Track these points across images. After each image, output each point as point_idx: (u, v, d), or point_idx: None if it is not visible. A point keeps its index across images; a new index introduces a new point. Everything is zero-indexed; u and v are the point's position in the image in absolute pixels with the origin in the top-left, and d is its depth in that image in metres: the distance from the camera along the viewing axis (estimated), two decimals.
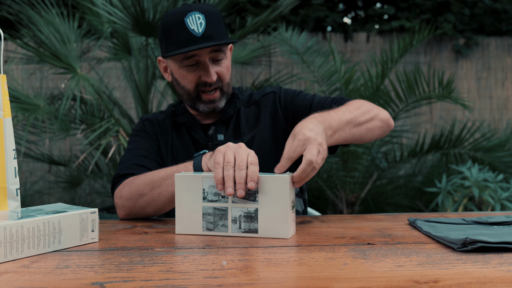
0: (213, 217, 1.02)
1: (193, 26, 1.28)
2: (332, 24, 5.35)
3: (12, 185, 1.00)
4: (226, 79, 1.37)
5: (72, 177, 3.98)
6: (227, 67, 1.37)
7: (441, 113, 5.15)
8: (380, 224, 1.14)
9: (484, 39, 5.27)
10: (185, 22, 1.28)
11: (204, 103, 1.37)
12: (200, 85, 1.35)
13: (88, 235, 0.97)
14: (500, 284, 0.71)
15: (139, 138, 1.42)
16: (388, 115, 1.33)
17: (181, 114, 1.44)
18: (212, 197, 1.02)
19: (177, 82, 1.40)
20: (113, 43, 3.30)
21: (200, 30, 1.28)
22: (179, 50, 1.29)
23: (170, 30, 1.31)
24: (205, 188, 1.03)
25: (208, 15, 1.30)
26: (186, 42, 1.28)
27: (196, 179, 1.03)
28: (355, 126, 1.22)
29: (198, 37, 1.28)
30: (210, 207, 1.03)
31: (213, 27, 1.30)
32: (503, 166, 3.64)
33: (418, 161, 4.20)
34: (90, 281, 0.73)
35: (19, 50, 3.48)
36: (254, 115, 1.45)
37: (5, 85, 1.00)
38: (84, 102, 3.39)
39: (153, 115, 1.48)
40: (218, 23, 1.33)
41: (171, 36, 1.31)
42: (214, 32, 1.30)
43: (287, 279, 0.74)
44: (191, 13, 1.29)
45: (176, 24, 1.30)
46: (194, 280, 0.73)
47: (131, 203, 1.21)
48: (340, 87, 3.68)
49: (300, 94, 1.45)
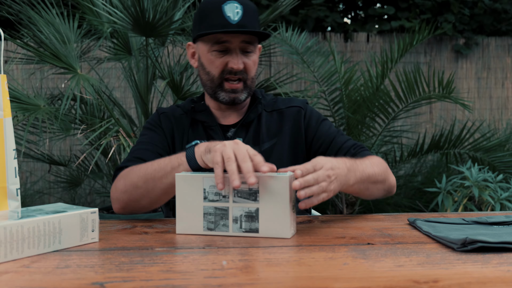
0: (214, 217, 1.03)
1: (229, 13, 1.29)
2: (332, 24, 5.35)
3: (12, 185, 1.00)
4: (251, 73, 1.37)
5: (72, 177, 3.98)
6: (254, 62, 1.37)
7: (441, 113, 5.15)
8: (380, 224, 1.14)
9: (484, 39, 5.27)
10: (222, 8, 1.30)
11: (226, 92, 1.36)
12: (225, 72, 1.34)
13: (88, 235, 0.97)
14: (500, 284, 0.71)
15: (150, 132, 1.41)
16: (395, 181, 1.34)
17: (201, 112, 1.42)
18: (213, 196, 1.02)
19: (203, 67, 1.38)
20: (113, 43, 3.30)
21: (236, 18, 1.29)
22: (212, 30, 1.29)
23: (206, 14, 1.32)
24: (205, 187, 1.03)
25: (246, 7, 1.31)
26: (220, 26, 1.29)
27: (196, 179, 1.03)
28: (371, 183, 1.22)
29: (233, 24, 1.29)
30: (211, 207, 1.03)
31: (249, 18, 1.31)
32: (503, 166, 3.64)
33: (418, 161, 4.20)
34: (90, 281, 0.73)
35: (19, 50, 3.48)
36: (276, 124, 1.44)
37: (5, 85, 1.00)
38: (84, 102, 3.39)
39: (170, 109, 1.45)
40: (254, 17, 1.34)
41: (206, 20, 1.32)
42: (249, 24, 1.31)
43: (287, 279, 0.74)
44: (230, 2, 1.30)
45: (213, 9, 1.31)
46: (194, 280, 0.73)
47: (126, 196, 1.21)
48: (340, 87, 3.68)
49: (324, 122, 1.45)
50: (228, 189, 1.02)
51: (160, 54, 3.36)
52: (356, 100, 3.62)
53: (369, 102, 3.57)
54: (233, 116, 1.44)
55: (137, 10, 2.76)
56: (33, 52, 2.91)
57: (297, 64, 3.96)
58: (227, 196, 1.02)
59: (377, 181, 1.24)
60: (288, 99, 1.49)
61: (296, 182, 0.98)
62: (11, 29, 3.74)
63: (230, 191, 1.02)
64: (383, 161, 1.32)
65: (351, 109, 3.62)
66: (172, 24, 3.00)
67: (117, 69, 4.40)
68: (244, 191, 1.01)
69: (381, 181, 1.26)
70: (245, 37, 1.32)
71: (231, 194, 1.02)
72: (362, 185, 1.18)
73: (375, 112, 3.66)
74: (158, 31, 2.96)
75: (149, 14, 2.82)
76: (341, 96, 3.70)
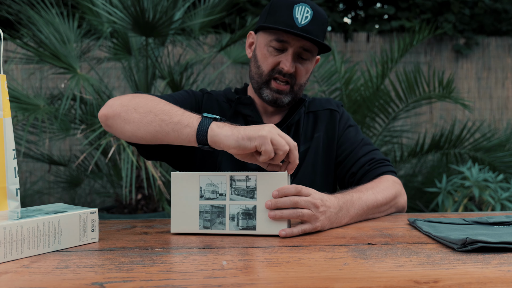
0: (210, 215, 1.02)
1: (298, 15, 1.28)
2: (332, 24, 5.35)
3: (12, 185, 1.00)
4: (300, 80, 1.34)
5: (72, 177, 3.98)
6: (307, 70, 1.35)
7: (441, 113, 5.15)
8: (380, 224, 1.14)
9: (484, 39, 5.27)
10: (293, 7, 1.28)
11: (271, 90, 1.33)
12: (275, 71, 1.32)
13: (88, 235, 0.97)
14: (500, 284, 0.71)
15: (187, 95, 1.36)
16: (405, 202, 1.32)
17: (247, 105, 1.38)
18: (210, 195, 1.02)
19: (255, 60, 1.36)
20: (113, 43, 3.30)
21: (303, 22, 1.27)
22: (277, 26, 1.27)
23: (276, 9, 1.30)
24: (202, 186, 1.02)
25: (316, 15, 1.29)
26: (285, 25, 1.27)
27: (193, 178, 1.03)
28: (374, 211, 1.20)
29: (299, 27, 1.27)
30: (207, 205, 1.03)
31: (316, 26, 1.29)
32: (503, 166, 3.64)
33: (418, 161, 4.20)
34: (90, 281, 0.73)
35: (19, 50, 3.48)
36: (311, 126, 1.42)
37: (5, 85, 1.00)
38: (84, 102, 3.39)
39: (215, 93, 1.41)
40: (322, 26, 1.31)
41: (275, 14, 1.30)
42: (314, 32, 1.29)
43: (287, 279, 0.74)
44: (303, 4, 1.28)
45: (284, 6, 1.29)
46: (194, 280, 0.73)
47: (121, 109, 1.13)
48: (340, 87, 3.68)
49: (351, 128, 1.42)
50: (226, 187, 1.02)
51: (160, 54, 3.36)
52: (356, 100, 3.62)
53: (369, 102, 3.57)
54: (275, 116, 1.41)
55: (137, 10, 2.76)
56: (33, 52, 2.92)
57: None
58: (224, 194, 1.02)
59: (381, 208, 1.21)
60: (324, 100, 1.46)
61: (268, 201, 0.99)
62: (11, 29, 3.74)
63: (228, 188, 1.02)
64: (395, 183, 1.29)
65: (351, 109, 3.62)
66: (172, 24, 3.00)
67: (117, 69, 4.40)
68: (242, 189, 1.01)
69: (386, 207, 1.23)
70: (305, 43, 1.29)
71: (228, 192, 1.02)
72: (361, 217, 1.16)
73: (375, 112, 3.66)
74: (158, 31, 2.96)
75: (149, 14, 2.82)
76: (341, 96, 3.70)
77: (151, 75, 3.30)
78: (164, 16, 2.88)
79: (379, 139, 3.79)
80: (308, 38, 1.25)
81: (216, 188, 1.02)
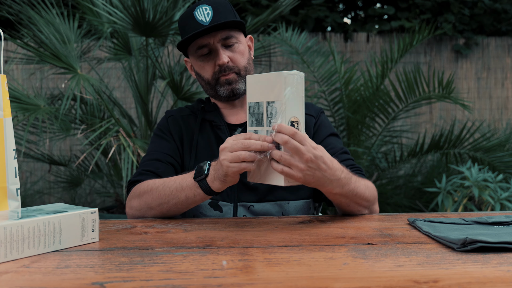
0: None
1: (201, 17, 1.33)
2: (332, 24, 5.35)
3: (12, 185, 1.00)
4: (240, 63, 1.38)
5: (72, 177, 3.98)
6: (241, 52, 1.39)
7: (441, 113, 5.15)
8: (380, 224, 1.14)
9: (484, 39, 5.27)
10: (194, 15, 1.33)
11: (222, 85, 1.38)
12: (216, 73, 1.37)
13: (88, 235, 0.97)
14: (500, 284, 0.71)
15: (159, 139, 1.44)
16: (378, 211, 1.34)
17: (211, 111, 1.45)
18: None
19: (199, 76, 1.43)
20: (113, 43, 3.31)
21: (208, 20, 1.32)
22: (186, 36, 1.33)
23: (182, 25, 1.37)
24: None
25: (215, 6, 1.34)
26: (194, 30, 1.33)
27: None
28: (355, 203, 1.21)
29: (206, 25, 1.32)
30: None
31: (220, 15, 1.33)
32: (503, 166, 3.65)
33: (418, 161, 4.20)
34: (90, 281, 0.73)
35: (19, 50, 3.49)
36: None
37: (5, 85, 1.00)
38: (84, 102, 3.39)
39: (177, 111, 1.49)
40: (226, 12, 1.36)
41: (184, 28, 1.37)
42: (222, 18, 1.33)
43: (287, 279, 0.74)
44: (200, 6, 1.34)
45: (186, 18, 1.36)
46: (194, 280, 0.73)
47: (141, 213, 1.26)
48: (340, 87, 3.68)
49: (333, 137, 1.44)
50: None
51: (160, 54, 3.36)
52: (356, 100, 3.62)
53: (369, 102, 3.57)
54: (241, 115, 1.45)
55: (137, 10, 2.76)
56: (33, 52, 2.92)
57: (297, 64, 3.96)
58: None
59: (362, 203, 1.23)
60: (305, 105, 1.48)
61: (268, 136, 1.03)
62: (11, 29, 3.74)
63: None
64: (375, 189, 1.32)
65: (351, 109, 3.62)
66: (172, 24, 3.00)
67: (117, 69, 4.40)
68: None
69: (365, 205, 1.25)
70: (221, 34, 1.34)
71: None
72: (345, 200, 1.18)
73: (375, 112, 3.66)
74: (158, 31, 2.96)
75: (149, 14, 2.83)
76: (341, 96, 3.71)
77: (151, 75, 3.30)
78: (164, 16, 2.88)
79: (379, 139, 3.79)
80: (215, 27, 1.31)
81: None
